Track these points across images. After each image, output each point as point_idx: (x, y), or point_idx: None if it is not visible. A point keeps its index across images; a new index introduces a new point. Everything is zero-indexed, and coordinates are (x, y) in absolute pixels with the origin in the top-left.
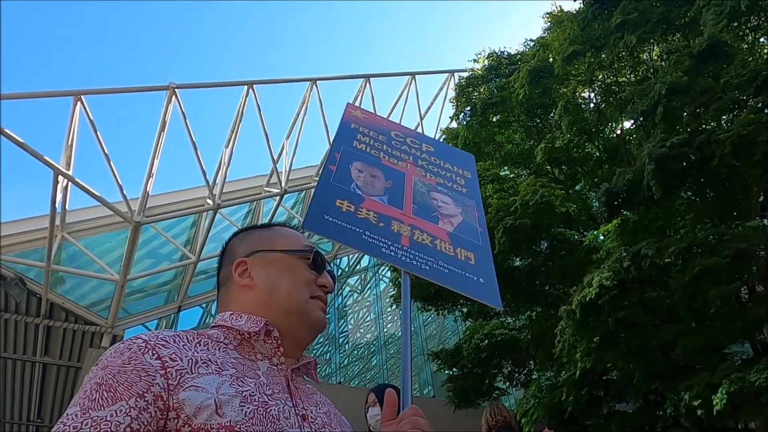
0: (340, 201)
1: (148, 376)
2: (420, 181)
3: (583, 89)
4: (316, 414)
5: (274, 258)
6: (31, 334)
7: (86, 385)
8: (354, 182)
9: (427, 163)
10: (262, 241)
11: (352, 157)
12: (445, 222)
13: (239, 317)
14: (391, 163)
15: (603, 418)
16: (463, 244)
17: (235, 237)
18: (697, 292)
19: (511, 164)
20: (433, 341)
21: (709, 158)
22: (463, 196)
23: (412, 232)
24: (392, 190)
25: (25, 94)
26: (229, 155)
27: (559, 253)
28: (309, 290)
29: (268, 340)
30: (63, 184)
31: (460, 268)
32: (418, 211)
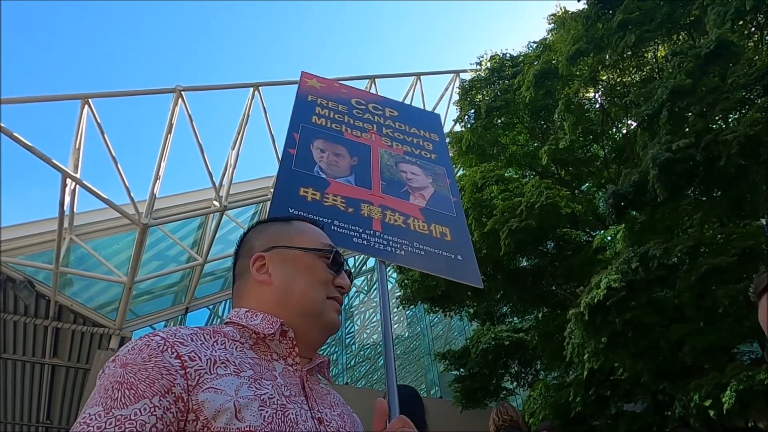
0: (304, 189)
1: (170, 375)
2: (387, 153)
3: (586, 89)
4: (331, 417)
5: (292, 255)
6: (39, 336)
7: (105, 382)
8: (317, 164)
9: (393, 131)
10: (280, 236)
11: (312, 135)
12: (417, 196)
13: (254, 316)
14: (354, 136)
15: (611, 418)
16: (437, 218)
17: (253, 229)
18: (704, 292)
19: (516, 166)
20: (439, 342)
21: (716, 158)
22: (432, 163)
23: (383, 213)
24: (358, 168)
25: (33, 98)
26: (236, 157)
27: (566, 253)
28: (326, 290)
29: (283, 341)
30: (71, 186)
31: (437, 246)
32: (387, 188)
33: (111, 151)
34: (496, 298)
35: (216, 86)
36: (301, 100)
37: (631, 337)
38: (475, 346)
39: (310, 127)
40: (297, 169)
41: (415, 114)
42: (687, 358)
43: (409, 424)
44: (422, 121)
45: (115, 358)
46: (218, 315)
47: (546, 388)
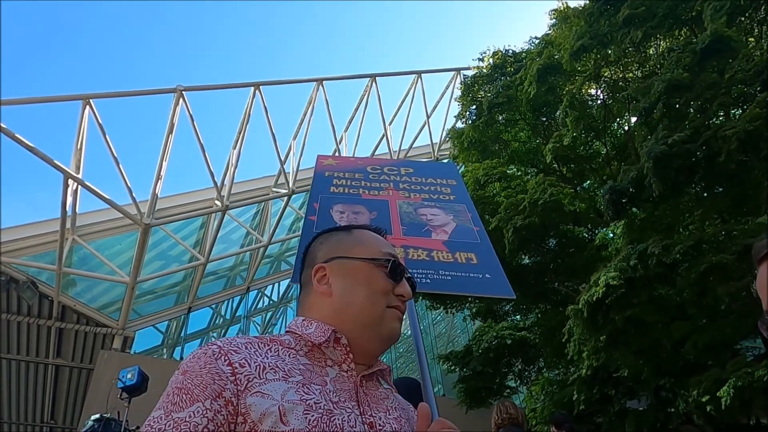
0: None
1: (221, 380)
2: (405, 203)
3: (589, 86)
4: (385, 421)
5: (351, 266)
6: (43, 337)
7: (169, 388)
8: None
9: (409, 185)
10: (340, 247)
11: (331, 202)
12: (439, 233)
13: (309, 324)
14: (372, 195)
15: (614, 415)
16: (462, 247)
17: (317, 239)
18: (705, 289)
19: (518, 162)
20: (442, 340)
21: (716, 154)
22: (451, 203)
23: (405, 252)
24: (378, 220)
25: (34, 98)
26: (237, 156)
27: (568, 250)
28: (386, 300)
29: (337, 347)
30: (73, 187)
31: (463, 270)
32: (408, 231)
33: (113, 152)
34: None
35: (217, 86)
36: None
37: (633, 334)
38: (478, 345)
39: (329, 195)
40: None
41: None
42: (689, 355)
43: (448, 424)
44: (438, 171)
45: (179, 367)
46: (221, 314)
47: (548, 384)
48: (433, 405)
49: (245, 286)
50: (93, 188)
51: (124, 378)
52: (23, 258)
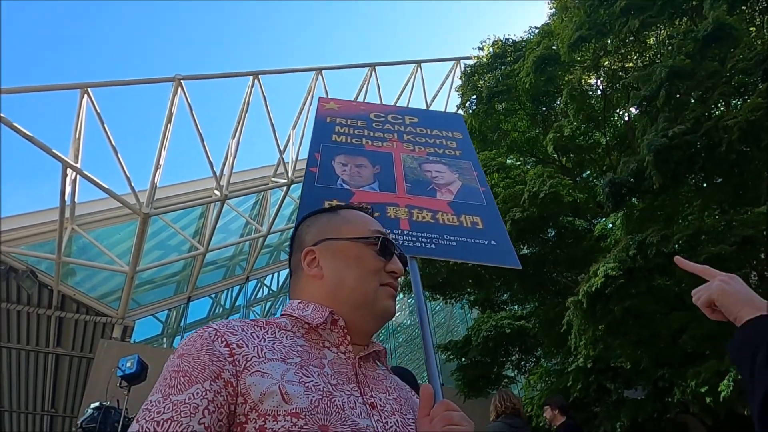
0: (328, 202)
1: (219, 361)
2: (409, 157)
3: (589, 76)
4: (386, 401)
5: (341, 246)
6: (43, 326)
7: (165, 372)
8: (339, 178)
9: (414, 136)
10: (328, 228)
11: (333, 152)
12: (444, 192)
13: (306, 306)
14: (375, 146)
15: (611, 404)
16: (467, 209)
17: (303, 222)
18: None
19: (517, 152)
20: (441, 330)
21: (716, 145)
22: (457, 159)
23: (410, 212)
24: (381, 175)
25: (32, 87)
26: (236, 146)
27: (567, 241)
28: (378, 278)
29: (334, 329)
30: (72, 176)
31: (469, 236)
32: (412, 189)
33: (111, 141)
34: (497, 285)
35: (215, 75)
36: (320, 122)
37: (631, 325)
38: (476, 334)
39: (330, 145)
40: (320, 185)
41: (436, 117)
42: (687, 345)
43: (453, 407)
44: (444, 122)
45: (175, 351)
46: (220, 304)
47: (546, 374)
48: (437, 388)
49: (245, 276)
50: (92, 178)
51: (124, 366)
52: (22, 247)
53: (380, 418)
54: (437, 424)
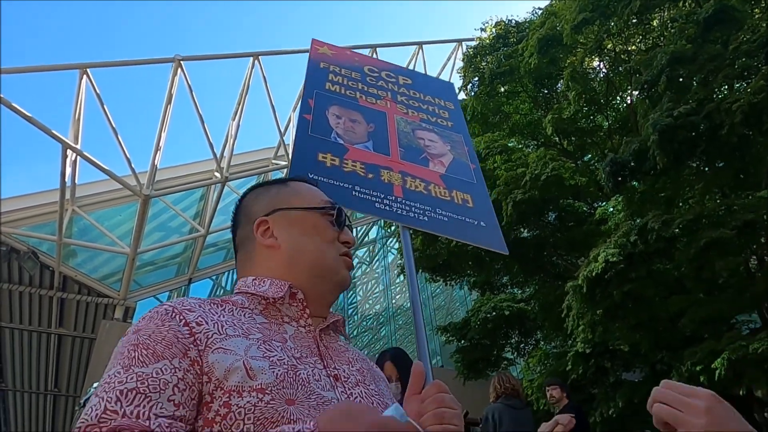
0: (323, 155)
1: (184, 338)
2: (403, 120)
3: (591, 58)
4: (349, 372)
5: (296, 216)
6: (45, 306)
7: (121, 348)
8: (334, 131)
9: (407, 98)
10: (281, 199)
11: (327, 102)
12: (436, 163)
13: (262, 282)
14: (369, 103)
15: (610, 387)
16: (458, 185)
17: (249, 194)
18: (704, 264)
19: (519, 135)
20: (441, 312)
21: (718, 127)
22: (449, 131)
23: (403, 179)
24: (375, 134)
25: (31, 67)
26: (236, 128)
27: (568, 224)
28: (335, 248)
29: (293, 303)
30: (72, 158)
31: (459, 213)
32: (405, 155)
33: (111, 122)
34: (497, 268)
35: (215, 56)
36: (314, 67)
37: (630, 308)
38: (476, 315)
39: (325, 93)
40: (314, 134)
41: (429, 82)
42: (686, 329)
43: (444, 388)
44: (436, 89)
45: (127, 331)
46: (221, 286)
47: (545, 356)
48: (428, 366)
49: None
50: (92, 159)
51: None
52: (24, 228)
53: (344, 389)
54: (429, 405)
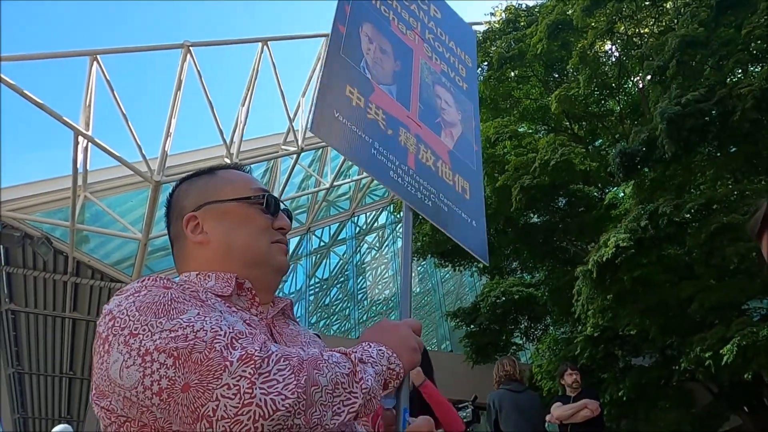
0: (350, 89)
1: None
2: (426, 67)
3: (602, 42)
4: None
5: (225, 208)
6: (59, 291)
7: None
8: (364, 58)
9: (434, 38)
10: (208, 192)
11: (362, 16)
12: (447, 134)
13: (206, 277)
14: (400, 30)
15: (619, 371)
16: (461, 169)
17: (178, 189)
18: (715, 249)
19: (529, 120)
20: (450, 297)
21: (730, 113)
22: (463, 95)
23: (417, 147)
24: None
25: (42, 54)
26: (246, 114)
27: (578, 209)
28: (268, 236)
29: (242, 293)
30: (83, 144)
31: (458, 204)
32: (423, 114)
33: (121, 109)
34: (506, 253)
35: (224, 41)
36: None
37: (640, 293)
38: (485, 300)
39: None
40: (345, 56)
41: (455, 23)
42: (696, 314)
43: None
44: (460, 34)
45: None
46: None
47: (554, 342)
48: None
49: None
50: (103, 145)
51: None
52: (37, 214)
53: None
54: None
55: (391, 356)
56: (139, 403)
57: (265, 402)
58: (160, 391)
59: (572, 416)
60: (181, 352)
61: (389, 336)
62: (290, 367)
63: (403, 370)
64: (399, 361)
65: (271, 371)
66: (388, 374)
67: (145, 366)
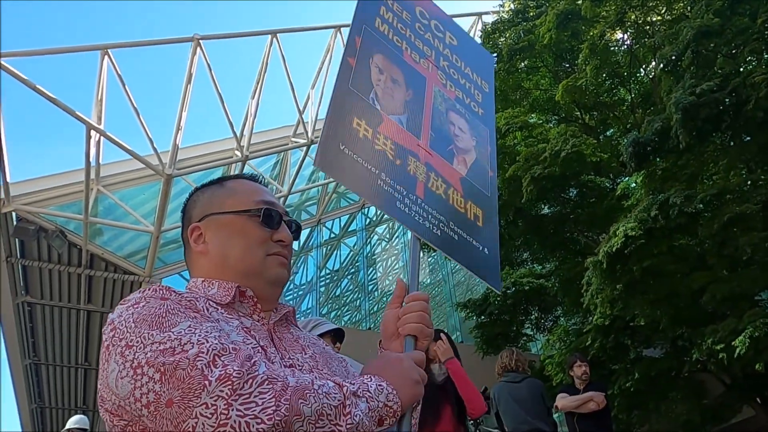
0: (357, 121)
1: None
2: (440, 94)
3: (613, 31)
4: (303, 360)
5: (224, 220)
6: (74, 283)
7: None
8: (374, 89)
9: (449, 65)
10: (213, 203)
11: (373, 46)
12: (459, 161)
13: (210, 285)
14: (412, 59)
15: (630, 362)
16: (474, 196)
17: (191, 197)
18: (727, 240)
19: (539, 111)
20: (461, 288)
21: (744, 102)
22: (479, 120)
23: (427, 175)
24: (412, 105)
25: (53, 49)
26: (256, 106)
27: (589, 200)
28: (264, 248)
29: (244, 301)
30: (95, 138)
31: (469, 232)
32: (434, 142)
33: (132, 103)
34: (516, 244)
35: (234, 34)
36: None
37: (651, 284)
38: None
39: (373, 33)
40: (353, 88)
41: (472, 50)
42: (708, 305)
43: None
44: (477, 60)
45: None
46: None
47: (565, 333)
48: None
49: None
50: (115, 139)
51: None
52: (51, 208)
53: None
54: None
55: (390, 393)
56: (132, 412)
57: (239, 424)
58: (148, 404)
59: (577, 408)
60: (167, 368)
61: (391, 371)
62: (273, 391)
63: (401, 408)
64: (398, 399)
65: (252, 393)
66: (385, 411)
67: (136, 378)
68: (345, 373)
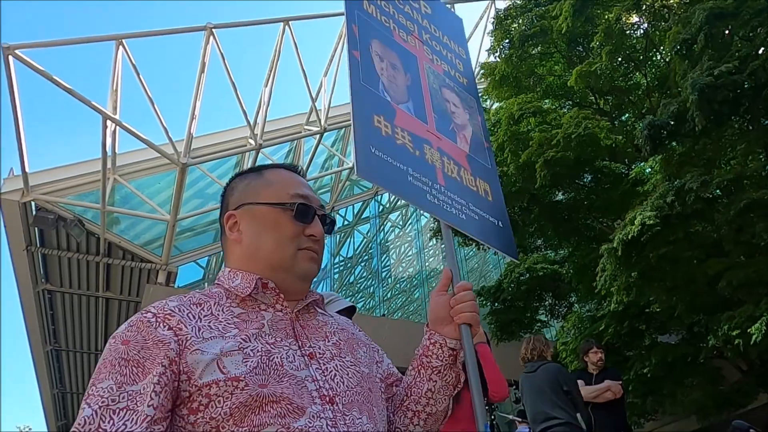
0: (377, 118)
1: (164, 345)
2: (431, 71)
3: (629, 15)
4: (324, 348)
5: (258, 211)
6: (93, 272)
7: (111, 358)
8: (380, 80)
9: (430, 37)
10: (249, 192)
11: (369, 33)
12: (461, 138)
13: (234, 276)
14: (401, 38)
15: (645, 349)
16: (480, 171)
17: (230, 184)
18: (744, 226)
19: (552, 97)
20: (474, 275)
21: (763, 85)
22: (465, 91)
23: (441, 161)
24: (413, 91)
25: (69, 40)
26: (269, 94)
27: (604, 186)
28: (296, 243)
29: (266, 291)
30: (111, 128)
31: (484, 209)
32: (439, 123)
33: (147, 92)
34: (530, 231)
35: (246, 22)
36: None
37: (667, 271)
38: (509, 277)
39: (365, 17)
40: (365, 84)
41: (444, 16)
42: (724, 292)
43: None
44: (450, 26)
45: (115, 336)
46: None
47: (579, 320)
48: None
49: None
50: (131, 129)
51: None
52: (69, 197)
53: (319, 366)
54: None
55: None
56: None
57: None
58: None
59: (595, 398)
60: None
61: None
62: None
63: None
64: None
65: None
66: None
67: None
68: (371, 360)
